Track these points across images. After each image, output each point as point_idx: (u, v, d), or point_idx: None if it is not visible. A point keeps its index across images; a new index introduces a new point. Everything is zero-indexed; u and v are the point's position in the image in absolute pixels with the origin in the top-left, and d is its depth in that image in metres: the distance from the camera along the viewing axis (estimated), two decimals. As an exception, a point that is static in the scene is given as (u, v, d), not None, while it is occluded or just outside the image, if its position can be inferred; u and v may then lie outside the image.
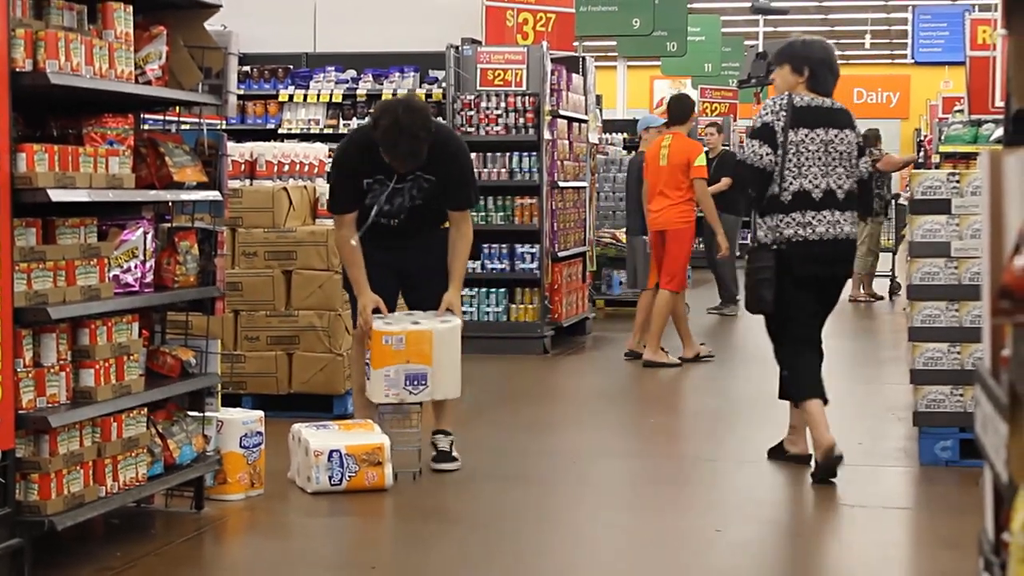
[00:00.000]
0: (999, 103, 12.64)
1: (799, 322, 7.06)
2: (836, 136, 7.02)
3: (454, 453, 7.10)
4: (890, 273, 17.01)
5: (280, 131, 12.42)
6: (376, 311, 6.91)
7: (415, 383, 6.83)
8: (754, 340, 12.87)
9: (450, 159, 6.99)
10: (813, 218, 6.93)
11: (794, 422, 7.32)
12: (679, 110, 11.53)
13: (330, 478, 6.51)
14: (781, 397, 7.27)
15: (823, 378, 7.08)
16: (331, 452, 6.51)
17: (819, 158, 6.97)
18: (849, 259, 7.19)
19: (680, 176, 11.18)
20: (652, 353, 11.13)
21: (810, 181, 6.94)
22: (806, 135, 6.96)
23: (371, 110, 12.21)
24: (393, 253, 7.09)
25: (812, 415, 6.96)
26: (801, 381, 7.07)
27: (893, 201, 17.26)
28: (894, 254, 17.03)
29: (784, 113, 6.97)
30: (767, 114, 7.03)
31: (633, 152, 14.72)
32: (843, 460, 6.89)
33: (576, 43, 14.21)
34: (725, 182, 12.83)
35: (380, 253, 7.03)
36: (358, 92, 12.41)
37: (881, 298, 16.84)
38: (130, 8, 5.65)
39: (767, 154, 6.94)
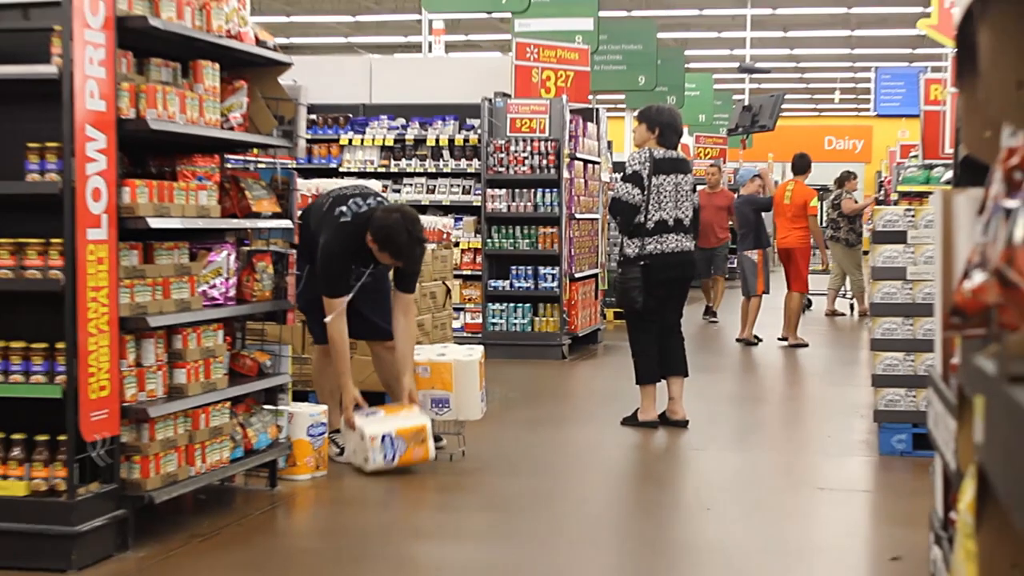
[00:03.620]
0: (948, 150, 12.60)
1: (653, 314, 8.06)
2: (682, 179, 8.09)
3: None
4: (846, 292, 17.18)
5: (341, 169, 12.42)
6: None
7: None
8: (751, 351, 12.86)
9: (417, 256, 6.80)
10: (667, 238, 8.00)
11: (672, 394, 8.21)
12: (801, 165, 13.31)
13: (384, 456, 6.57)
14: (653, 380, 8.17)
15: (658, 368, 8.15)
16: (383, 436, 6.57)
17: (672, 196, 8.02)
18: (693, 264, 8.24)
19: (799, 211, 13.09)
20: (793, 338, 13.04)
21: (667, 213, 8.00)
22: (664, 179, 8.00)
23: (418, 152, 12.35)
24: None
25: (647, 396, 8.15)
26: (643, 370, 8.15)
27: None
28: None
29: (648, 163, 7.98)
30: (636, 164, 8.00)
31: (736, 193, 15.12)
32: (654, 427, 8.07)
33: (590, 96, 14.19)
34: None
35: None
36: (407, 137, 12.40)
37: (843, 314, 16.76)
38: (217, 65, 5.69)
39: (637, 194, 7.94)
